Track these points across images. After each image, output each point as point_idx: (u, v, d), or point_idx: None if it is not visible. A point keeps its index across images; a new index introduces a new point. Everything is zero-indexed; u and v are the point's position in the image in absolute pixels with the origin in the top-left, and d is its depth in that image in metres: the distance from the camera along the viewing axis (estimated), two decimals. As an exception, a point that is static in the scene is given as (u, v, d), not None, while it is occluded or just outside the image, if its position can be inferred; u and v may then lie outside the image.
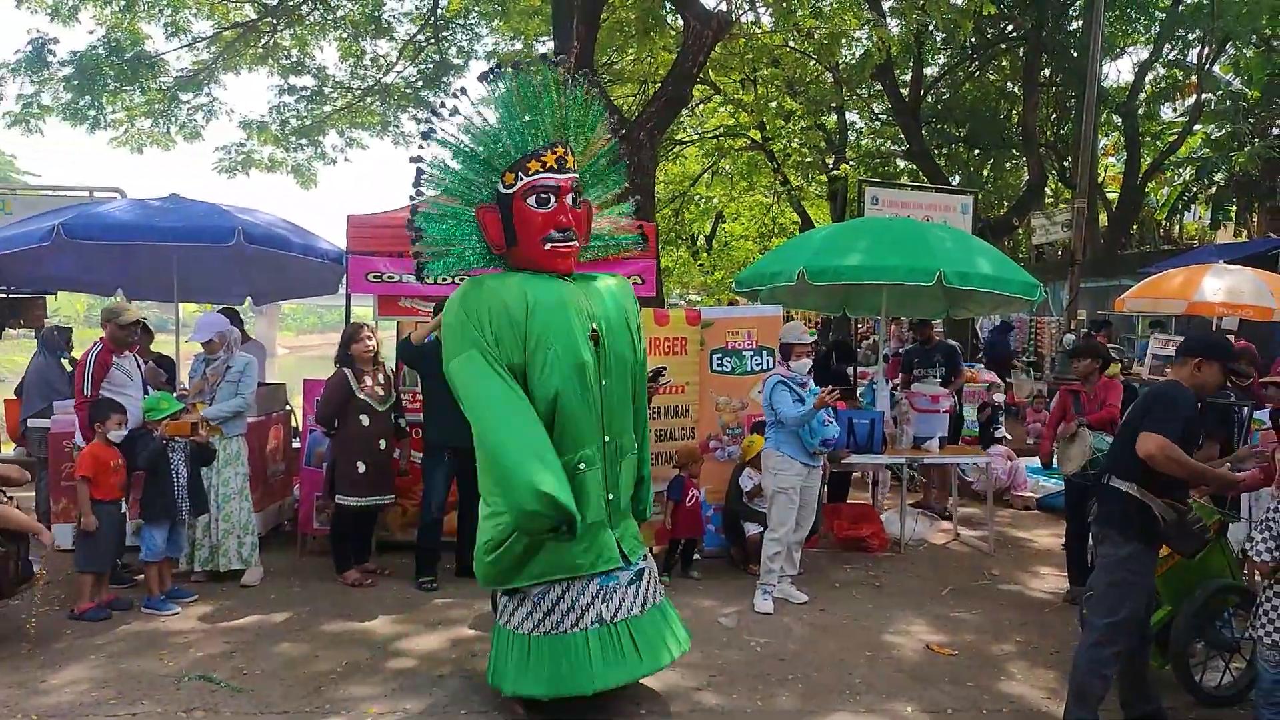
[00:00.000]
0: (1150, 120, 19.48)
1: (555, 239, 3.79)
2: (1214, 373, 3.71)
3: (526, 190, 3.75)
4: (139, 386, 5.63)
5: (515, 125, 3.78)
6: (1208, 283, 8.92)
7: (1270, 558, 3.47)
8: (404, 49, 15.83)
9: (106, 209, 6.47)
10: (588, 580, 3.78)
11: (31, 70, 12.95)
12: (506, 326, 3.65)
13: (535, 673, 3.73)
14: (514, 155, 3.79)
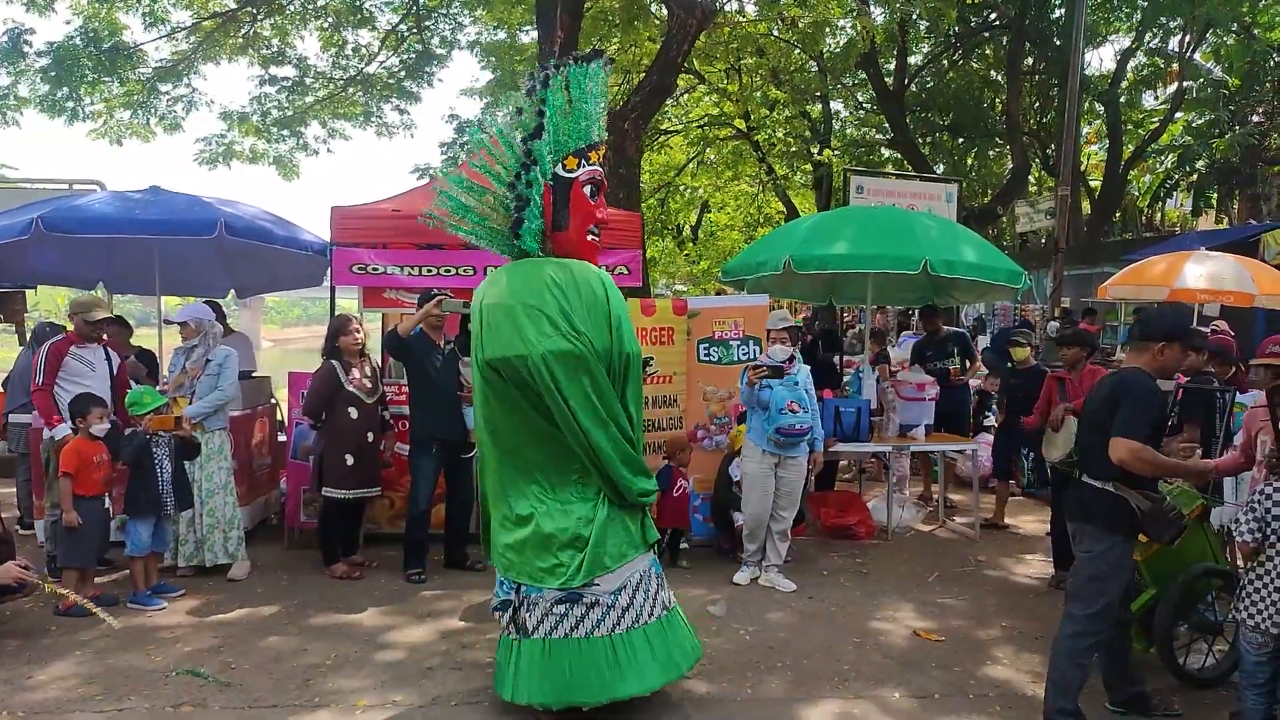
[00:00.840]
0: (1132, 108, 19.60)
1: (595, 232, 3.83)
2: (1176, 355, 3.71)
3: (588, 178, 3.74)
4: (104, 377, 5.56)
5: (594, 112, 3.76)
6: (1189, 269, 8.97)
7: (1252, 539, 3.51)
8: (386, 39, 15.71)
9: (86, 202, 6.41)
10: (649, 568, 3.84)
11: (7, 62, 12.79)
12: (596, 308, 3.66)
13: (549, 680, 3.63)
14: (581, 141, 3.76)
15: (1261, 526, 3.49)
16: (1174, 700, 4.07)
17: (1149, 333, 3.72)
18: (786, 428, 5.51)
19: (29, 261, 6.95)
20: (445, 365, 5.70)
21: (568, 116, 3.74)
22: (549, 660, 3.65)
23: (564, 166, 3.73)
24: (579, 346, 3.58)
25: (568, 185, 3.72)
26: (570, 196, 3.73)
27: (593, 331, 3.63)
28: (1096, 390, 3.85)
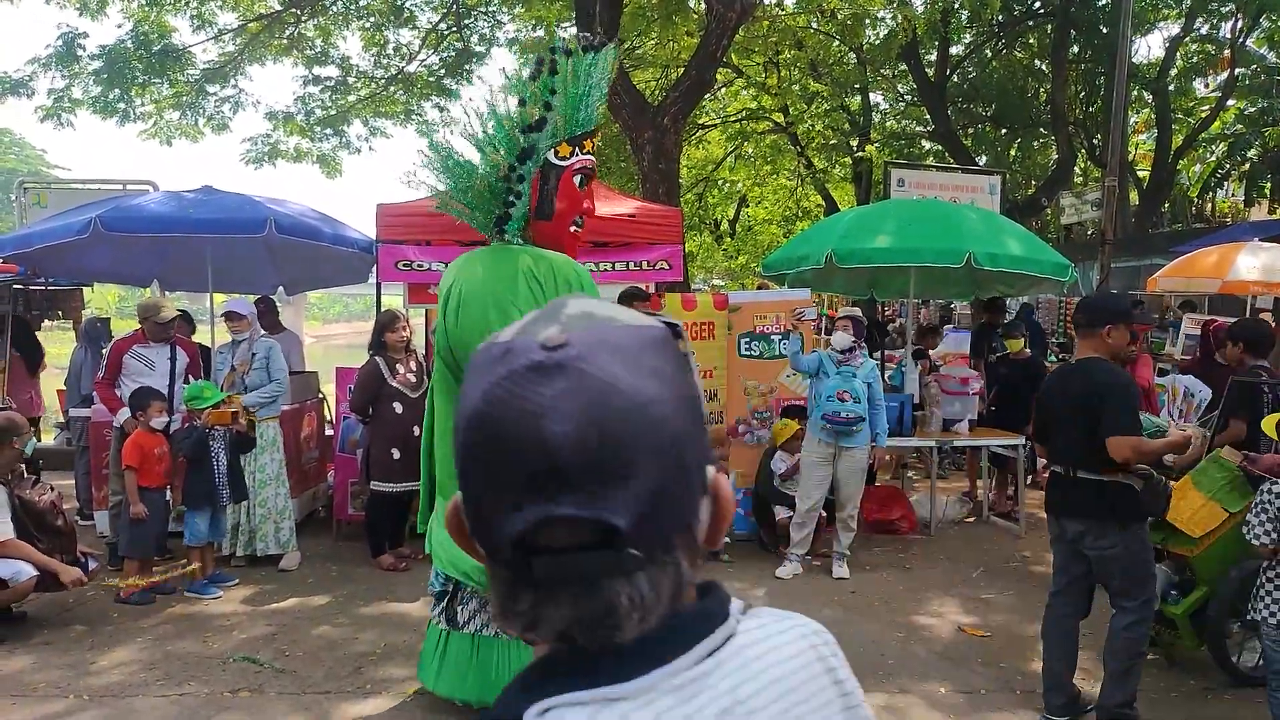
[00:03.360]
0: (1182, 96, 19.15)
1: (579, 224, 3.68)
2: (1123, 335, 3.67)
3: (578, 168, 3.57)
4: (163, 375, 5.75)
5: (591, 100, 3.60)
6: (1242, 261, 8.78)
7: (1269, 540, 3.47)
8: (426, 37, 15.86)
9: (142, 201, 6.57)
10: None
11: (62, 64, 13.13)
12: None
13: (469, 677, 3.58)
14: (576, 129, 3.59)
15: (1276, 526, 3.45)
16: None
17: (1093, 318, 3.68)
18: (831, 414, 5.56)
19: (85, 260, 7.15)
20: None
21: (569, 104, 3.54)
22: (476, 657, 3.56)
23: (556, 153, 3.52)
24: None
25: (558, 173, 3.51)
26: (559, 185, 3.54)
27: None
28: (1060, 385, 3.79)
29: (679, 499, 0.69)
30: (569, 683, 0.68)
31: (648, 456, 0.65)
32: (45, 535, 4.67)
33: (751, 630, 0.78)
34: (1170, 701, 4.04)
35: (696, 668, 0.71)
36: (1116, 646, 3.67)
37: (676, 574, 0.70)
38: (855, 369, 5.69)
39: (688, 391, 0.70)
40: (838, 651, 0.85)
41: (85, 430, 6.57)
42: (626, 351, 0.67)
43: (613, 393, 0.65)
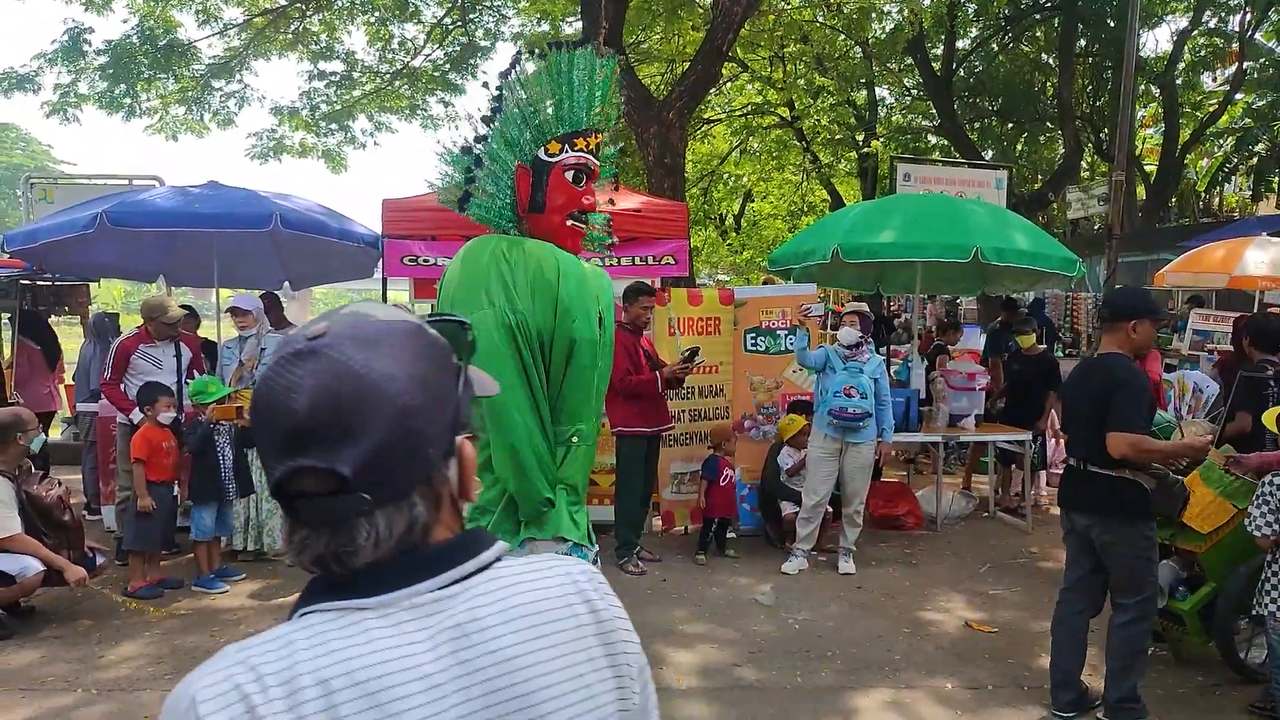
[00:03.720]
0: (1190, 90, 19.03)
1: (576, 217, 3.80)
2: (1148, 331, 3.65)
3: (569, 164, 3.74)
4: (170, 373, 5.75)
5: (578, 99, 3.78)
6: (1250, 256, 8.74)
7: (1271, 531, 3.47)
8: (431, 32, 15.85)
9: (148, 196, 6.57)
10: (565, 555, 3.84)
11: (68, 60, 13.14)
12: (542, 287, 3.64)
13: None
14: (564, 127, 3.78)
15: (1278, 517, 3.47)
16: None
17: (1119, 311, 3.66)
18: (838, 410, 5.56)
19: (91, 255, 7.15)
20: None
21: (546, 102, 3.73)
22: None
23: (546, 151, 3.72)
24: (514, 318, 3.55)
25: (547, 168, 3.72)
26: (548, 180, 3.71)
27: (535, 309, 3.61)
28: (1081, 379, 3.77)
29: (409, 457, 0.85)
30: (325, 597, 0.85)
31: (375, 422, 0.82)
32: (52, 530, 4.68)
33: (513, 567, 0.92)
34: (1177, 698, 4.03)
35: (439, 591, 0.86)
36: (1114, 644, 3.66)
37: (412, 515, 0.86)
38: (862, 364, 5.68)
39: (431, 373, 0.88)
40: (602, 587, 0.96)
41: (93, 425, 6.59)
42: (371, 340, 0.85)
43: (347, 372, 0.83)
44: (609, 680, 0.91)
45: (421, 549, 0.87)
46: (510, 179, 3.78)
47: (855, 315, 5.87)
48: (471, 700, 0.84)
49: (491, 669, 0.85)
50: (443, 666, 0.83)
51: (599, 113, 3.86)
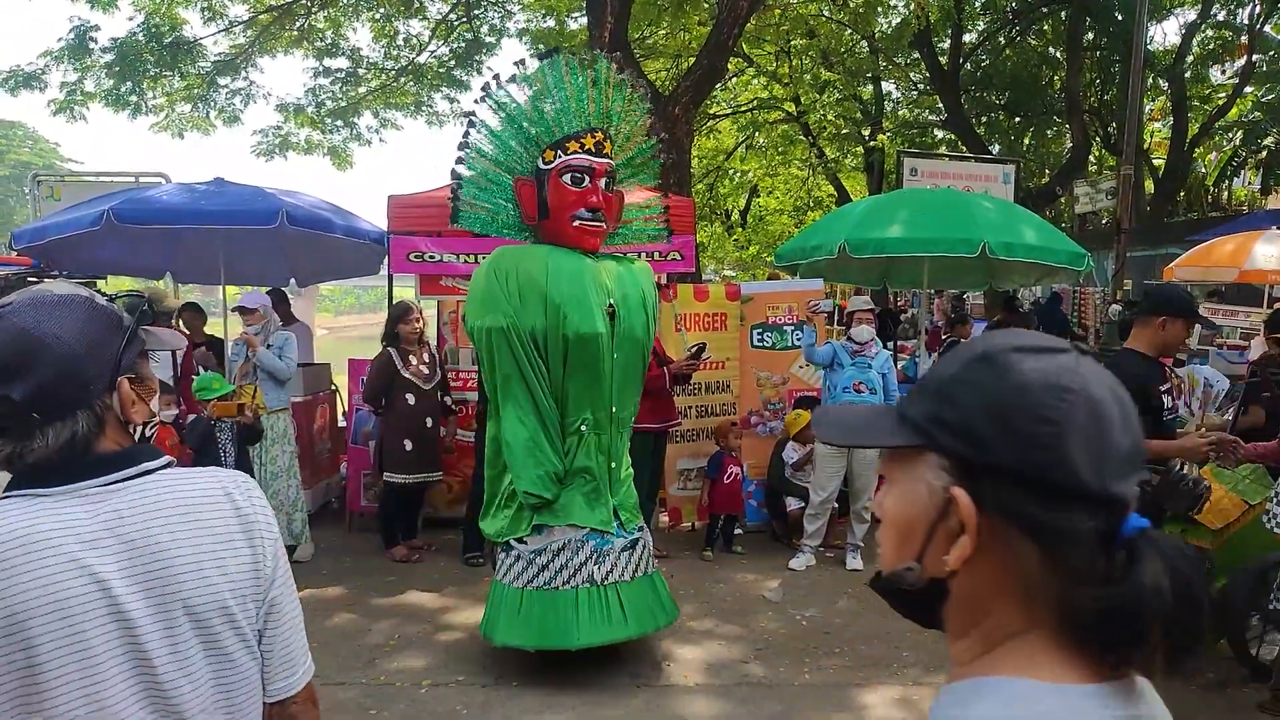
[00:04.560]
0: (1198, 83, 18.93)
1: (584, 217, 4.00)
2: (1179, 330, 3.59)
3: (563, 168, 3.97)
4: (165, 366, 5.76)
5: (563, 106, 4.00)
6: (1260, 250, 8.68)
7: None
8: (436, 28, 15.83)
9: (154, 193, 6.56)
10: (582, 541, 3.96)
11: (74, 58, 13.16)
12: (531, 290, 3.87)
13: (524, 625, 3.93)
14: (557, 134, 4.00)
15: None
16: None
17: (1153, 306, 3.61)
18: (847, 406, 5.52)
19: (98, 252, 7.15)
20: None
21: (542, 116, 4.03)
22: (499, 599, 4.06)
23: (543, 160, 4.03)
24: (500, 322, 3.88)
25: (545, 176, 4.01)
26: (548, 186, 4.00)
27: (526, 312, 3.88)
28: None
29: (71, 388, 1.15)
30: (17, 488, 1.15)
31: (41, 364, 1.13)
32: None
33: (173, 474, 1.24)
34: (1188, 694, 4.00)
35: (105, 488, 1.17)
36: None
37: (75, 428, 1.15)
38: (870, 359, 5.66)
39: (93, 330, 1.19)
40: (250, 492, 1.29)
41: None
42: (45, 306, 1.17)
43: (21, 330, 1.14)
44: (246, 558, 1.23)
45: (89, 455, 1.17)
46: (507, 194, 4.11)
47: (869, 313, 5.85)
48: (122, 556, 1.14)
49: (141, 541, 1.16)
50: (100, 534, 1.14)
51: (591, 113, 4.05)
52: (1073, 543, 0.74)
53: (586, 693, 3.94)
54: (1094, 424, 0.74)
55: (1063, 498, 0.74)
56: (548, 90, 4.01)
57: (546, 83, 4.01)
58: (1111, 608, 0.73)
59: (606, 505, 4.05)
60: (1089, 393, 0.75)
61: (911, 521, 0.82)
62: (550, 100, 4.00)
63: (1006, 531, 0.76)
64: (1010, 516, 0.75)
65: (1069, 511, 0.74)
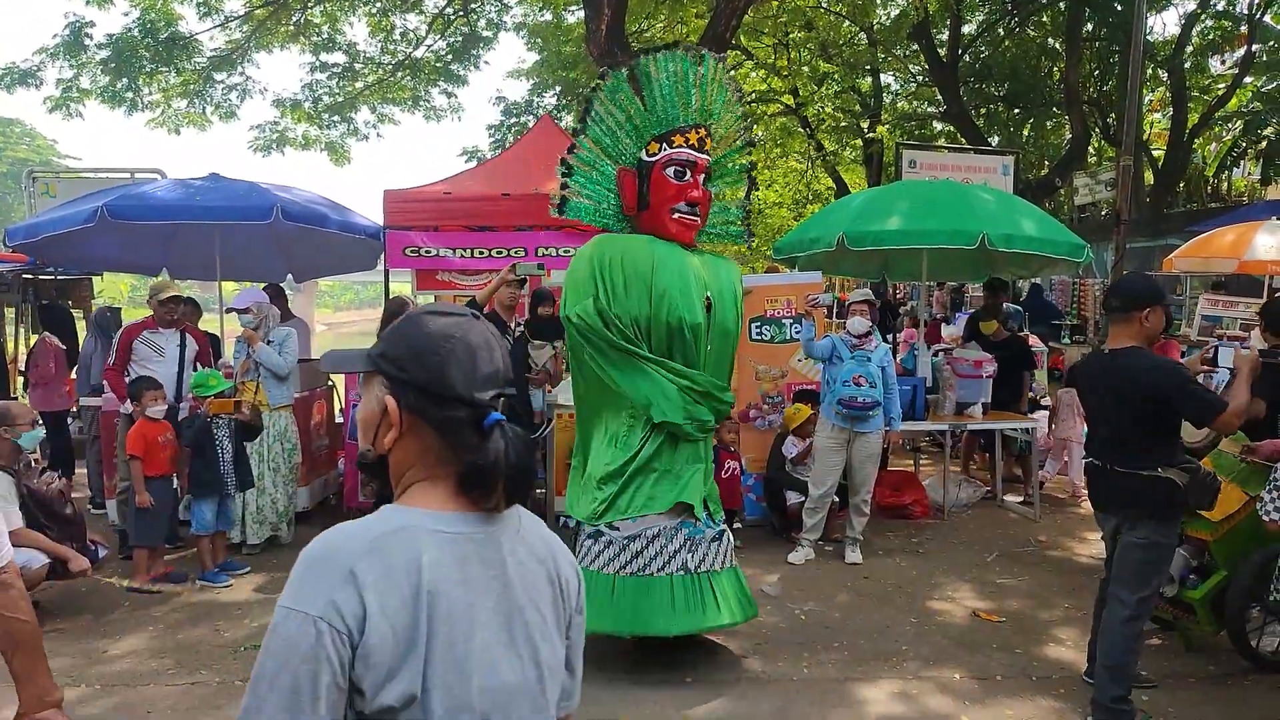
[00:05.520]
0: (1198, 74, 18.86)
1: (683, 210, 4.09)
2: (1160, 318, 3.57)
3: (667, 161, 4.06)
4: (172, 361, 5.74)
5: (671, 100, 4.09)
6: (1260, 240, 8.65)
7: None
8: (433, 22, 15.77)
9: (149, 189, 6.54)
10: (676, 529, 3.97)
11: (69, 54, 13.10)
12: (635, 278, 3.94)
13: (617, 611, 3.88)
14: (662, 128, 4.10)
15: None
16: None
17: (1129, 302, 3.56)
18: (848, 399, 5.50)
19: (94, 249, 7.13)
20: (514, 346, 5.77)
21: (640, 108, 4.10)
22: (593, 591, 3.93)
23: (647, 152, 4.08)
24: (598, 306, 3.92)
25: (648, 168, 4.08)
26: (650, 178, 4.07)
27: (629, 299, 3.92)
28: (1098, 376, 3.64)
29: None
30: None
31: None
32: (55, 524, 4.66)
33: None
34: (1188, 686, 3.99)
35: None
36: (1112, 643, 3.58)
37: None
38: (869, 353, 5.63)
39: None
40: None
41: (96, 419, 6.57)
42: None
43: None
44: None
45: None
46: (611, 184, 4.17)
47: (865, 305, 5.81)
48: None
49: None
50: None
51: (698, 109, 4.17)
52: (455, 427, 1.21)
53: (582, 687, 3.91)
54: (468, 358, 1.23)
55: (447, 401, 1.21)
56: (658, 83, 4.07)
57: (658, 76, 4.07)
58: (477, 465, 1.20)
59: (700, 490, 4.09)
60: (467, 340, 1.24)
61: (369, 420, 1.26)
62: (660, 93, 4.07)
63: (417, 422, 1.22)
64: (418, 413, 1.22)
65: (452, 409, 1.21)
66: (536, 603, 1.24)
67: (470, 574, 1.17)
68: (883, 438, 5.84)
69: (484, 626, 1.17)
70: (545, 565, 1.29)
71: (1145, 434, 3.45)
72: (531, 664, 1.22)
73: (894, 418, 5.80)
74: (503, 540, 1.23)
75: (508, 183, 6.96)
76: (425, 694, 1.10)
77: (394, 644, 1.09)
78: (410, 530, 1.15)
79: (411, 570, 1.12)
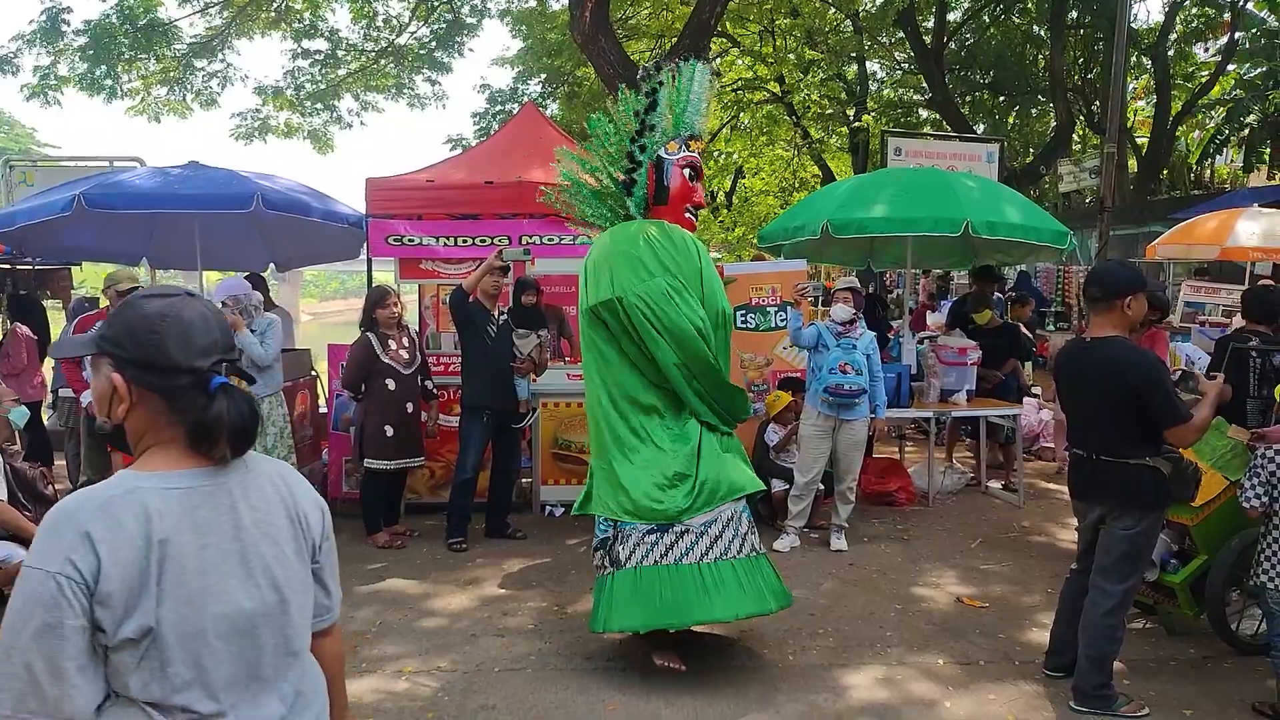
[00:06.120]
0: (1182, 61, 18.93)
1: (691, 211, 4.27)
2: (1141, 306, 3.57)
3: (685, 162, 4.23)
4: None
5: (694, 107, 4.26)
6: (1241, 227, 8.72)
7: (1259, 503, 3.50)
8: (416, 9, 15.65)
9: (126, 178, 6.46)
10: (740, 511, 3.99)
11: (47, 41, 12.94)
12: (688, 265, 4.04)
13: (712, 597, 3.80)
14: (682, 130, 4.24)
15: (1269, 490, 3.49)
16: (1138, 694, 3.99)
17: (1110, 290, 3.53)
18: (834, 387, 5.50)
19: (72, 238, 7.05)
20: (499, 335, 5.73)
21: (673, 107, 4.22)
22: (640, 587, 3.84)
23: (666, 150, 4.20)
24: (674, 282, 3.95)
25: (668, 166, 4.19)
26: (670, 175, 4.19)
27: (686, 280, 4.00)
28: (1079, 366, 3.62)
29: None
30: None
31: None
32: (37, 505, 4.61)
33: None
34: (1169, 670, 4.02)
35: None
36: (1094, 633, 3.58)
37: None
38: (855, 340, 5.63)
39: None
40: None
41: (72, 410, 6.51)
42: None
43: None
44: None
45: None
46: (645, 175, 4.24)
47: (848, 292, 5.81)
48: None
49: None
50: None
51: (704, 122, 4.39)
52: (179, 394, 1.39)
53: (568, 678, 3.92)
54: (184, 332, 1.40)
55: (169, 371, 1.38)
56: (689, 91, 4.22)
57: (692, 83, 4.23)
58: (203, 423, 1.38)
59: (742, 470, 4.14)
60: (181, 317, 1.41)
61: (102, 395, 1.43)
62: (690, 99, 4.22)
63: (145, 393, 1.39)
64: (144, 385, 1.39)
65: (175, 378, 1.39)
66: (274, 537, 1.44)
67: (200, 520, 1.36)
68: (868, 425, 5.85)
69: (217, 563, 1.36)
70: (284, 504, 1.49)
71: (1130, 423, 3.46)
72: (271, 590, 1.42)
73: (879, 405, 5.82)
74: (232, 487, 1.42)
75: (491, 171, 6.92)
76: (159, 624, 1.30)
77: (127, 589, 1.28)
78: (140, 491, 1.33)
79: (141, 524, 1.30)
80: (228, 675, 1.38)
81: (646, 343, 3.89)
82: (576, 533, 5.90)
